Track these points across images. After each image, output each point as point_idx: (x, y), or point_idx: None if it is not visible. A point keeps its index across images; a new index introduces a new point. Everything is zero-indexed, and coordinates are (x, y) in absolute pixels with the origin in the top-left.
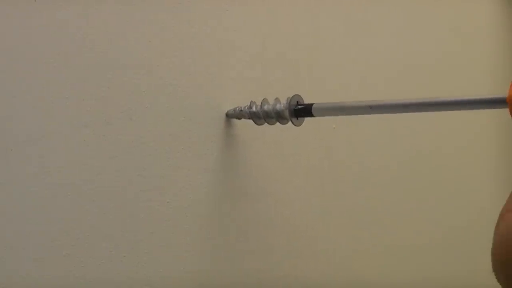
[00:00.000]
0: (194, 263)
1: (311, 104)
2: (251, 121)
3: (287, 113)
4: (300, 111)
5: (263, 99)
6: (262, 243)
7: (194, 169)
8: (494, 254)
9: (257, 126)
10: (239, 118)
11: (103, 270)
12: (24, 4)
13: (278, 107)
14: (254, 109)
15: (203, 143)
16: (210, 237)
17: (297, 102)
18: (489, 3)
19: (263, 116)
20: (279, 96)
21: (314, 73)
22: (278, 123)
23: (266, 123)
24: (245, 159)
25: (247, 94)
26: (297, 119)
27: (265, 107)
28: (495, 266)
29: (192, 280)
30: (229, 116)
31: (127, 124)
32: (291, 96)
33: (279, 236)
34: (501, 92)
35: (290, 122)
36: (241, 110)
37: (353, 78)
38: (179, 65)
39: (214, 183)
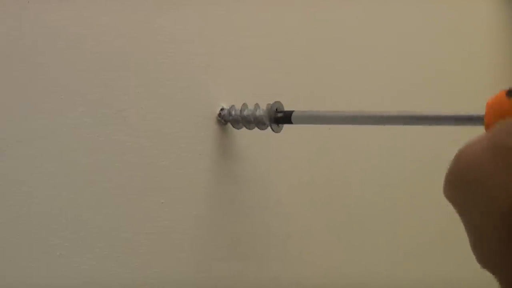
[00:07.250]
0: (189, 264)
1: (291, 112)
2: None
3: (266, 120)
4: (280, 118)
5: (243, 104)
6: (257, 245)
7: (188, 170)
8: (448, 173)
9: None
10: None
11: (97, 271)
12: (17, 5)
13: (257, 113)
14: (234, 114)
15: (197, 143)
16: (205, 238)
17: (277, 109)
18: (489, 3)
19: (242, 121)
20: (273, 98)
21: (310, 76)
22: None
23: (244, 128)
24: (239, 160)
25: (242, 96)
26: (278, 125)
27: (245, 113)
28: (448, 185)
29: (187, 281)
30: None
31: (121, 124)
32: (271, 103)
33: (274, 238)
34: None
35: (270, 128)
36: (221, 114)
37: (350, 80)
38: (173, 66)
39: (209, 184)
